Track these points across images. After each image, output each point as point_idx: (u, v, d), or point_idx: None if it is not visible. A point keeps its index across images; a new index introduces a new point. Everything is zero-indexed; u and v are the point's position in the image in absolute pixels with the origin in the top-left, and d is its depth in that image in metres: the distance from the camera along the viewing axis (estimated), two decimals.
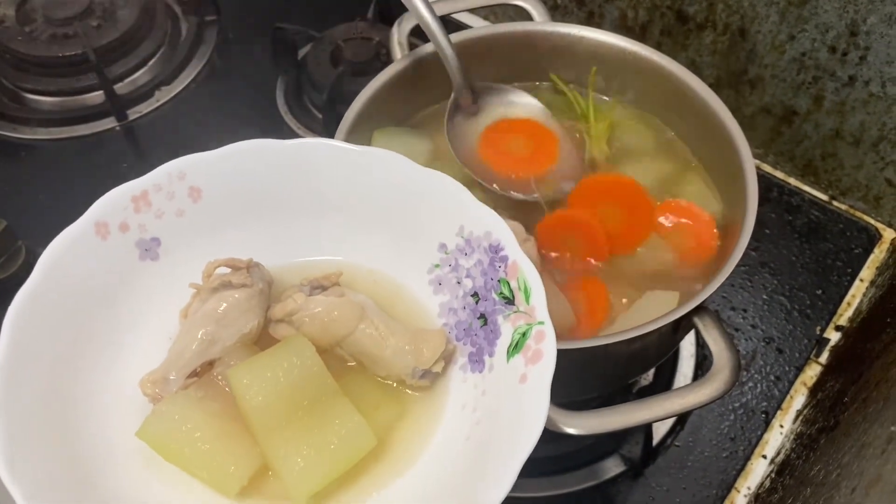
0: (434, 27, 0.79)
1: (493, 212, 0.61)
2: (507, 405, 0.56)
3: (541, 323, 0.56)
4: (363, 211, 0.66)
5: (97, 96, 1.16)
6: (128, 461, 0.58)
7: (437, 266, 0.65)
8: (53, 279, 0.59)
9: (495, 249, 0.60)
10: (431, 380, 0.62)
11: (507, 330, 0.59)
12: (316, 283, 0.63)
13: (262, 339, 0.64)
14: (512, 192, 0.81)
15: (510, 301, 0.59)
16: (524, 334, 0.57)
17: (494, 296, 0.60)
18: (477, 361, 0.61)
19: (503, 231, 0.60)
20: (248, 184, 0.65)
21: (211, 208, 0.65)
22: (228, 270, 0.62)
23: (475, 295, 0.62)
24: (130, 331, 0.62)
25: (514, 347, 0.57)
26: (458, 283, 0.63)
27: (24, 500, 0.50)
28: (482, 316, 0.61)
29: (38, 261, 0.58)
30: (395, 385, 0.63)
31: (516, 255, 0.59)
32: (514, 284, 0.59)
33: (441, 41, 0.79)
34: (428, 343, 0.61)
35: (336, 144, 0.65)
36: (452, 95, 0.84)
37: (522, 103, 0.87)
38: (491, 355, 0.60)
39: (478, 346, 0.61)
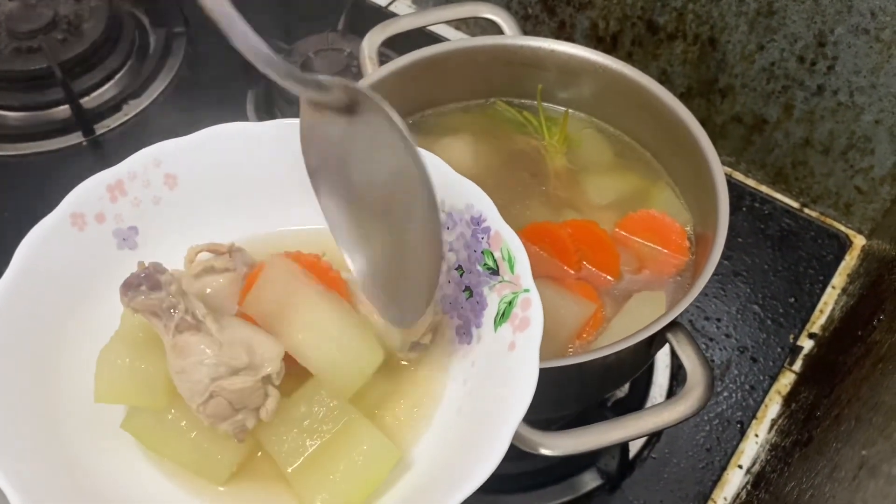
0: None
1: (473, 184, 0.60)
2: (496, 373, 0.56)
3: (526, 290, 0.56)
4: None
5: (63, 111, 1.14)
6: (118, 451, 0.57)
7: None
8: (30, 273, 0.58)
9: (477, 221, 0.60)
10: (420, 351, 0.61)
11: (493, 300, 0.59)
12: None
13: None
14: None
15: (495, 271, 0.59)
16: (510, 303, 0.57)
17: (479, 268, 0.60)
18: (465, 333, 0.61)
19: (484, 202, 0.60)
20: (225, 167, 0.65)
21: (188, 194, 0.64)
22: (211, 255, 0.61)
23: (459, 268, 0.62)
24: (111, 321, 0.61)
25: (501, 317, 0.58)
26: (442, 257, 0.63)
27: (17, 496, 0.49)
28: (467, 288, 0.61)
29: (14, 255, 0.58)
30: (385, 360, 0.61)
31: (499, 225, 0.59)
32: (497, 255, 0.59)
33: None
34: None
35: None
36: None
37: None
38: (478, 326, 0.59)
39: (465, 318, 0.61)
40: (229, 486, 0.57)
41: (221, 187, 0.65)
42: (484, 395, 0.56)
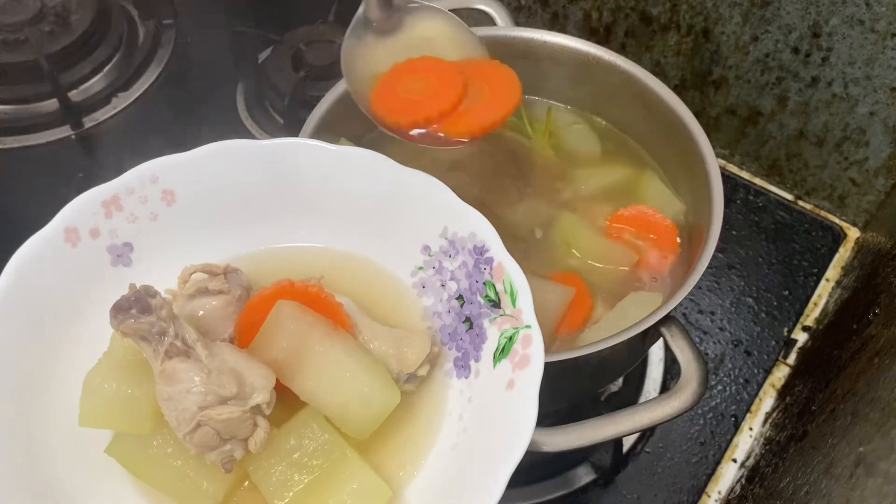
0: None
1: (478, 213, 0.59)
2: (494, 413, 0.55)
3: (528, 327, 0.55)
4: (343, 212, 0.65)
5: (51, 104, 1.12)
6: (102, 476, 0.56)
7: (420, 268, 0.63)
8: (20, 288, 0.57)
9: (480, 251, 0.59)
10: (416, 384, 0.60)
11: (493, 334, 0.57)
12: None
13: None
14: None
15: (496, 304, 0.58)
16: (511, 338, 0.56)
17: (480, 299, 0.59)
18: (463, 367, 0.59)
19: (488, 232, 0.59)
20: (224, 185, 0.64)
21: (186, 211, 0.63)
22: (205, 276, 0.60)
23: (460, 298, 0.60)
24: (101, 340, 0.60)
25: (501, 352, 0.56)
26: (443, 285, 0.62)
27: None
28: (468, 319, 0.60)
29: (3, 269, 0.57)
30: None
31: (502, 256, 0.58)
32: (499, 287, 0.57)
33: None
34: (412, 346, 0.59)
35: (313, 144, 0.64)
36: (361, 6, 0.73)
37: (446, 29, 0.74)
38: (477, 360, 0.58)
39: (463, 350, 0.59)
40: None
41: (220, 204, 0.64)
42: (481, 433, 0.55)
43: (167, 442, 0.55)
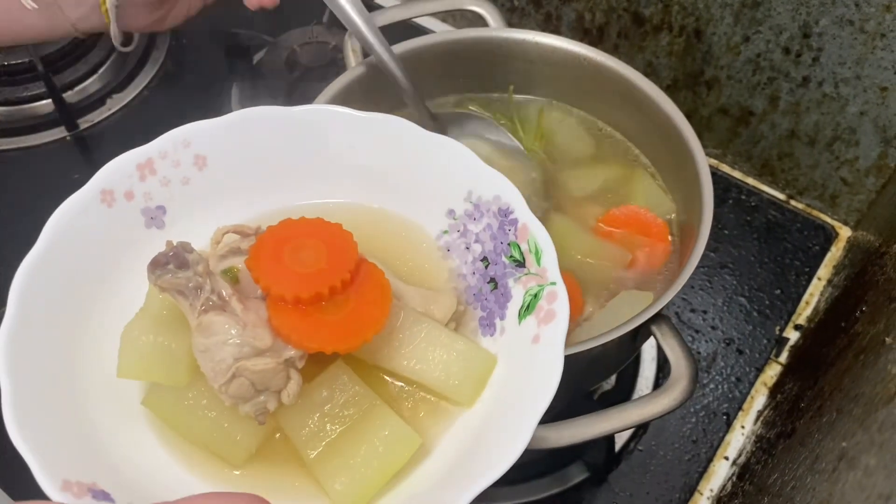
0: (391, 64, 0.80)
1: (502, 175, 0.60)
2: (520, 366, 0.56)
3: (553, 283, 0.56)
4: (368, 176, 0.66)
5: (46, 105, 1.13)
6: (136, 429, 0.57)
7: (445, 232, 0.64)
8: (59, 246, 0.58)
9: (505, 213, 0.60)
10: None
11: (518, 292, 0.58)
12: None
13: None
14: None
15: (521, 264, 0.58)
16: (536, 295, 0.57)
17: (505, 259, 0.60)
18: (488, 325, 0.60)
19: (512, 194, 0.59)
20: (254, 150, 0.65)
21: (216, 175, 0.64)
22: (237, 237, 0.61)
23: (485, 259, 0.61)
24: (136, 299, 0.61)
25: (526, 309, 0.57)
26: (467, 248, 0.63)
27: (37, 465, 0.49)
28: (492, 280, 0.60)
29: (44, 227, 0.58)
30: None
31: (526, 217, 0.58)
32: (524, 247, 0.58)
33: (397, 74, 0.80)
34: (438, 304, 0.60)
35: (341, 111, 0.65)
36: None
37: (491, 139, 0.86)
38: (502, 318, 0.59)
39: (489, 310, 0.60)
40: (244, 469, 0.56)
41: (250, 168, 0.65)
42: (507, 387, 0.56)
43: (202, 394, 0.56)
